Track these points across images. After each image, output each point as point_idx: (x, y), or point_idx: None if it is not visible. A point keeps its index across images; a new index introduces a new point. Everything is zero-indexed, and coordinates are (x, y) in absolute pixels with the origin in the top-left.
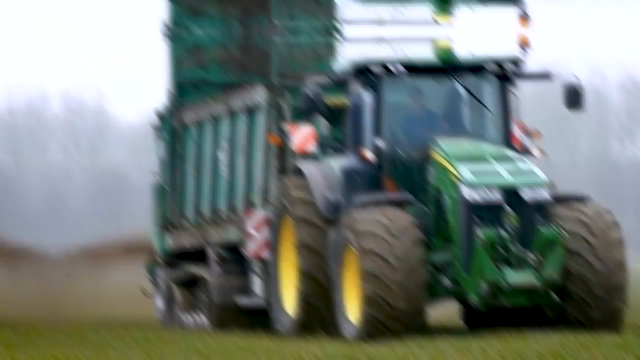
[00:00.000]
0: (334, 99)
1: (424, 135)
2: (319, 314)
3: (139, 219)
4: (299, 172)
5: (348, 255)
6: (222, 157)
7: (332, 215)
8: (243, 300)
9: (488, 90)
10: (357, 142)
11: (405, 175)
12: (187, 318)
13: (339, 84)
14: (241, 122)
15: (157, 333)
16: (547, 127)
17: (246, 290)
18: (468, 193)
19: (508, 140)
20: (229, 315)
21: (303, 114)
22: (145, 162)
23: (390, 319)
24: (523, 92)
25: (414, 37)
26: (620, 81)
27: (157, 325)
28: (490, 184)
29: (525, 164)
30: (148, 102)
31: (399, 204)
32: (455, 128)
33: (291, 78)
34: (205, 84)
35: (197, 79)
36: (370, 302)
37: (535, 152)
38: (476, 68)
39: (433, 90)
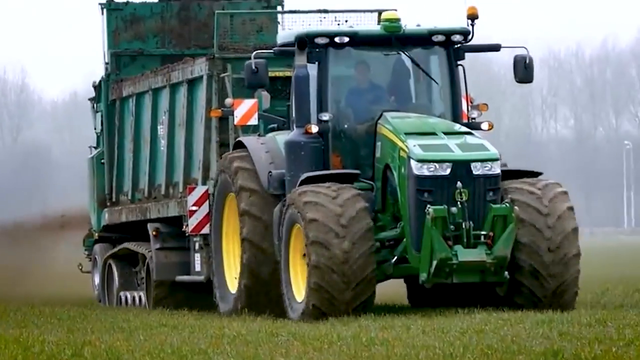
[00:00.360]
0: (276, 72)
1: (370, 109)
2: (264, 285)
3: (65, 195)
4: (240, 146)
5: (294, 232)
6: (161, 130)
7: (276, 190)
8: (183, 278)
9: (435, 62)
10: (301, 116)
11: (351, 151)
12: (125, 295)
13: (282, 56)
14: (181, 95)
15: (82, 310)
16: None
17: (186, 267)
18: (417, 168)
19: (457, 114)
20: (168, 293)
21: (246, 86)
22: (68, 138)
23: (338, 289)
24: None
25: (358, 9)
26: (542, 57)
27: (93, 302)
28: (440, 158)
29: (475, 138)
30: (71, 78)
31: (346, 179)
32: (403, 102)
33: (232, 50)
34: (143, 56)
35: (134, 51)
36: (316, 271)
37: (484, 125)
38: (423, 40)
39: (379, 62)
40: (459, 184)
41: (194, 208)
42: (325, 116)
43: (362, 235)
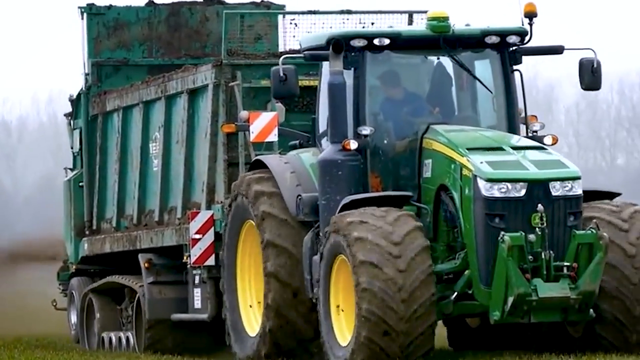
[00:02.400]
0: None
1: (413, 122)
2: (292, 328)
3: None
4: (259, 166)
5: (338, 265)
6: (154, 149)
7: (308, 217)
8: (181, 316)
9: (488, 67)
10: (337, 131)
11: (392, 170)
12: (110, 337)
13: (313, 61)
14: (180, 108)
15: (61, 354)
16: None
17: (184, 304)
18: (486, 189)
19: (513, 126)
20: (163, 334)
21: (273, 96)
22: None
23: (392, 345)
24: None
25: (386, 10)
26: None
27: (70, 344)
28: (513, 177)
29: (549, 153)
30: (42, 89)
31: (394, 203)
32: (449, 113)
33: (243, 56)
34: (128, 66)
35: (117, 60)
36: (366, 324)
37: (548, 139)
38: (475, 41)
39: (422, 68)
40: (540, 207)
41: (197, 236)
42: (366, 130)
43: (418, 253)
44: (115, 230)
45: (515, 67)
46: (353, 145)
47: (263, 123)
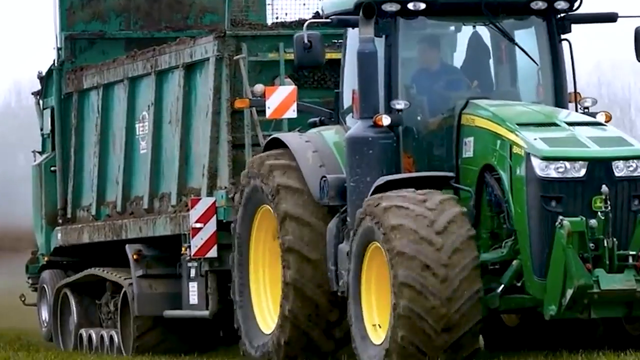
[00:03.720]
0: None
1: (449, 97)
2: (315, 310)
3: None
4: (274, 147)
5: (371, 253)
6: (141, 129)
7: (334, 200)
8: (174, 313)
9: (533, 36)
10: (368, 105)
11: (426, 149)
12: (89, 334)
13: (340, 27)
14: (174, 85)
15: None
16: None
17: (177, 299)
18: (542, 168)
19: (561, 101)
20: (153, 332)
21: (296, 66)
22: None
23: (432, 346)
24: None
25: None
26: None
27: (42, 342)
28: (572, 155)
29: (609, 129)
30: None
31: (437, 185)
32: (488, 86)
33: (248, 26)
34: (104, 40)
35: (92, 33)
36: (404, 322)
37: (600, 116)
38: (520, 7)
39: (460, 37)
40: (604, 188)
41: (198, 225)
42: (400, 104)
43: (463, 243)
44: (94, 219)
45: (563, 36)
46: (385, 120)
47: (281, 97)
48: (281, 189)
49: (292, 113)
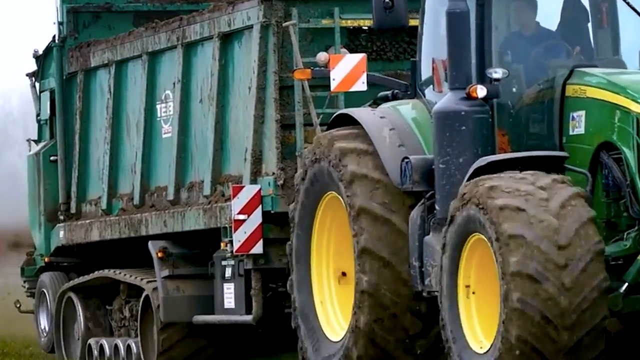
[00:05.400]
0: (358, 20)
1: (549, 65)
2: (391, 319)
3: None
4: (340, 124)
5: (471, 246)
6: (163, 111)
7: (418, 186)
8: (206, 319)
9: None
10: (460, 74)
11: (522, 125)
12: (100, 344)
13: None
14: (207, 58)
15: None
16: None
17: (208, 303)
18: None
19: None
20: (180, 342)
21: (375, 29)
22: None
23: (552, 347)
24: None
25: None
26: None
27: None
28: None
29: None
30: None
31: (545, 167)
32: (590, 55)
33: None
34: (110, 13)
35: (98, 6)
36: (518, 318)
37: None
38: None
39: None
40: None
41: (241, 217)
42: (498, 73)
43: (583, 225)
44: (105, 213)
45: None
46: (481, 92)
47: (348, 67)
48: (356, 178)
49: (361, 85)
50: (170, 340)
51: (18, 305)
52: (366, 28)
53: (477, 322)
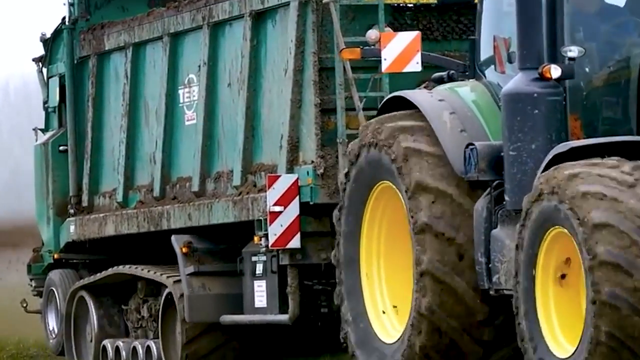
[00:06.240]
0: None
1: (623, 43)
2: (455, 305)
3: None
4: (391, 108)
5: (550, 240)
6: (186, 96)
7: (484, 175)
8: (235, 319)
9: None
10: (531, 52)
11: (598, 109)
12: (116, 345)
13: None
14: (238, 38)
15: None
16: None
17: (237, 302)
18: None
19: None
20: (206, 343)
21: (438, 3)
22: None
23: None
24: None
25: None
26: None
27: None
28: None
29: None
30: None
31: (633, 153)
32: None
33: None
34: None
35: None
36: (609, 312)
37: None
38: None
39: None
40: None
41: (277, 209)
42: (573, 51)
43: None
44: (121, 206)
45: None
46: (555, 72)
47: (401, 46)
48: (410, 153)
49: (415, 66)
50: (197, 344)
51: (24, 305)
52: (411, 5)
53: (557, 324)
